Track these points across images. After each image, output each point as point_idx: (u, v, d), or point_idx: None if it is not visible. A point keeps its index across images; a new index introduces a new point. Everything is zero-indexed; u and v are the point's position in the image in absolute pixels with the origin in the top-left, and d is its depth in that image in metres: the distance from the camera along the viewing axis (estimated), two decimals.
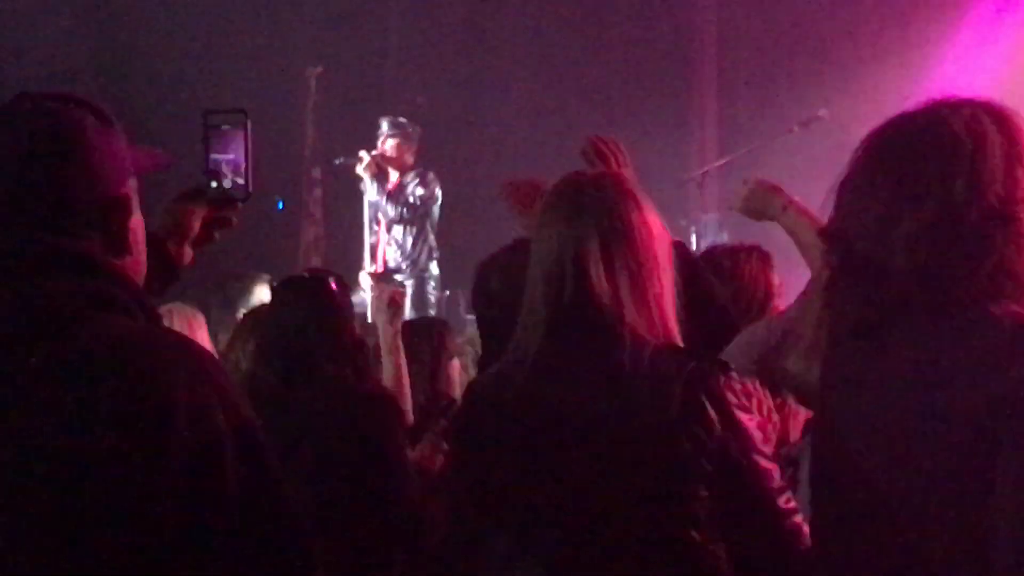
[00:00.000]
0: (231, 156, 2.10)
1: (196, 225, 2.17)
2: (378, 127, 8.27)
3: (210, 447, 1.50)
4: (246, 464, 1.53)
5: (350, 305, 3.62)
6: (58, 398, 1.48)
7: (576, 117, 9.95)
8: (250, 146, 2.10)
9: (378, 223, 8.37)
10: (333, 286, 3.52)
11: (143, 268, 1.75)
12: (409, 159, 8.29)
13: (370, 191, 8.27)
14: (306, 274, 3.63)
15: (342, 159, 8.32)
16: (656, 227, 2.27)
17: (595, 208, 2.25)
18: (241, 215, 2.24)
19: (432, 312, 8.05)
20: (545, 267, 2.26)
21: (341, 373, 3.37)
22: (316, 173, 9.77)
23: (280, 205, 9.69)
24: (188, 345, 1.61)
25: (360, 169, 8.17)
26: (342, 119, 9.37)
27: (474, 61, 10.19)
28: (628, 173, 2.67)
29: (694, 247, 7.72)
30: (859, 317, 1.84)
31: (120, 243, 1.67)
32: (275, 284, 3.63)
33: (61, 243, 1.60)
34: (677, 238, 2.53)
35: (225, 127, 2.10)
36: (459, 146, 9.70)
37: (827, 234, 1.90)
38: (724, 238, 8.35)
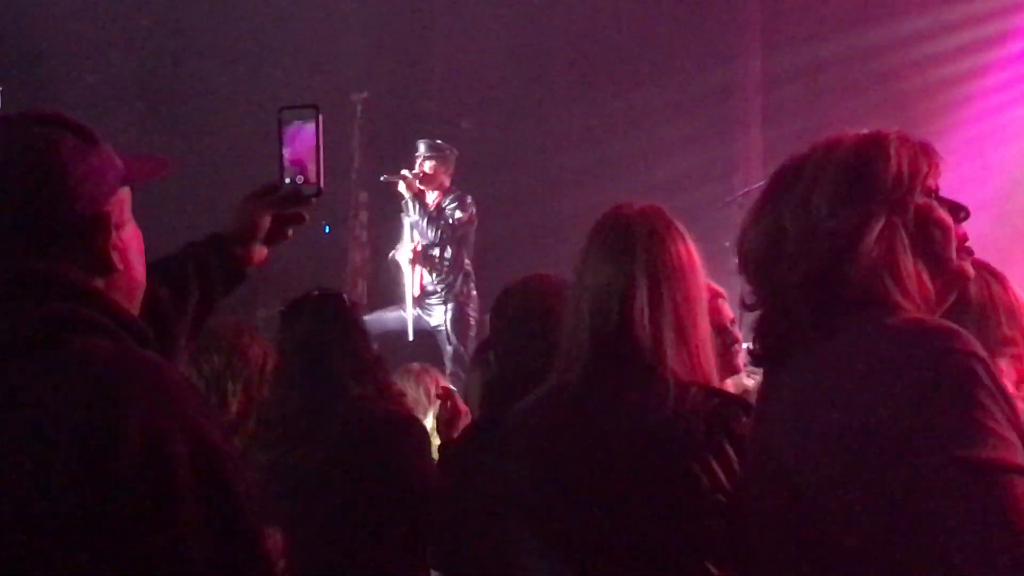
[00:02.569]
0: (303, 152, 2.12)
1: (266, 223, 2.17)
2: (415, 149, 8.38)
3: (163, 473, 1.44)
4: (207, 493, 1.47)
5: (363, 321, 3.55)
6: (16, 421, 1.45)
7: (620, 140, 9.98)
8: (321, 142, 2.12)
9: (415, 247, 8.43)
10: (347, 303, 3.46)
11: (137, 283, 1.72)
12: (446, 181, 8.37)
13: (410, 211, 8.36)
14: (316, 293, 3.51)
15: (386, 176, 8.43)
16: (698, 264, 2.32)
17: (643, 244, 2.29)
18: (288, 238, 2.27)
19: (472, 335, 8.10)
20: (590, 301, 2.30)
21: (365, 393, 3.32)
22: (362, 197, 9.84)
23: (327, 229, 9.78)
24: (155, 368, 1.53)
25: (401, 188, 8.27)
26: (387, 143, 9.45)
27: (517, 85, 10.24)
28: None
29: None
30: (762, 342, 1.85)
31: (102, 262, 1.63)
32: (283, 307, 3.57)
33: (36, 266, 1.57)
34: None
35: (297, 123, 2.12)
36: (502, 170, 9.76)
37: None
38: None
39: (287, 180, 2.13)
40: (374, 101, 9.62)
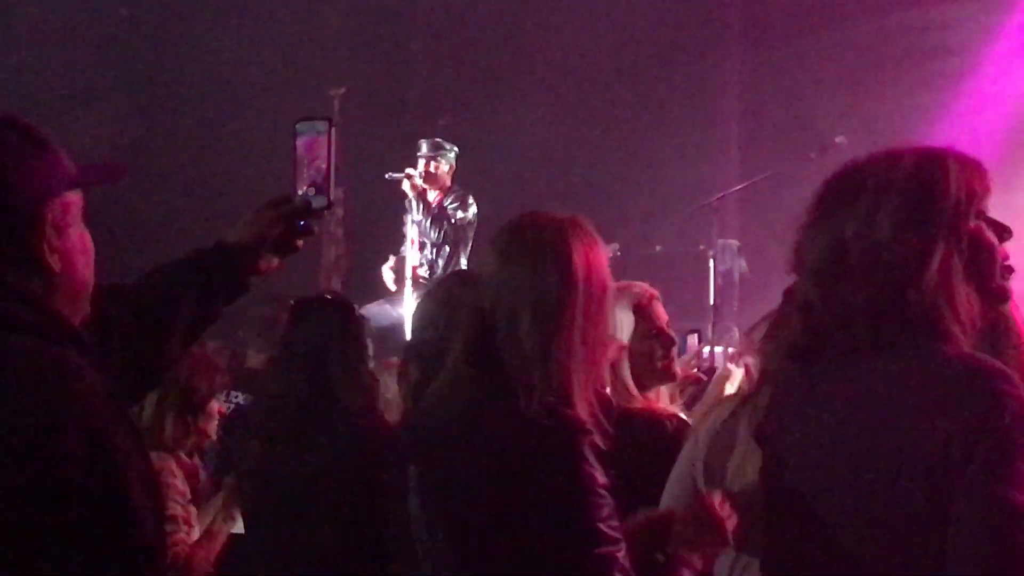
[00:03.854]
0: (315, 165, 2.12)
1: (273, 235, 2.19)
2: (417, 148, 8.40)
3: (53, 467, 1.46)
4: (98, 489, 1.49)
5: (366, 335, 3.57)
6: None
7: (597, 140, 10.00)
8: (333, 155, 2.12)
9: (412, 242, 8.45)
10: (354, 312, 3.47)
11: (81, 285, 1.72)
12: (447, 180, 8.43)
13: (413, 211, 8.38)
14: (328, 296, 3.52)
15: (391, 174, 8.46)
16: (601, 272, 2.28)
17: (541, 249, 2.26)
18: None
19: None
20: (473, 301, 2.31)
21: (355, 405, 3.33)
22: (338, 193, 9.84)
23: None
24: (64, 367, 1.55)
25: (405, 187, 8.31)
26: (365, 139, 9.43)
27: (496, 83, 10.24)
28: None
29: (711, 272, 7.74)
30: (793, 341, 1.89)
31: (37, 264, 1.64)
32: (293, 302, 3.58)
33: None
34: None
35: (311, 135, 2.12)
36: (480, 168, 9.76)
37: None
38: (742, 264, 8.36)
39: (299, 192, 2.12)
40: (352, 96, 9.60)
